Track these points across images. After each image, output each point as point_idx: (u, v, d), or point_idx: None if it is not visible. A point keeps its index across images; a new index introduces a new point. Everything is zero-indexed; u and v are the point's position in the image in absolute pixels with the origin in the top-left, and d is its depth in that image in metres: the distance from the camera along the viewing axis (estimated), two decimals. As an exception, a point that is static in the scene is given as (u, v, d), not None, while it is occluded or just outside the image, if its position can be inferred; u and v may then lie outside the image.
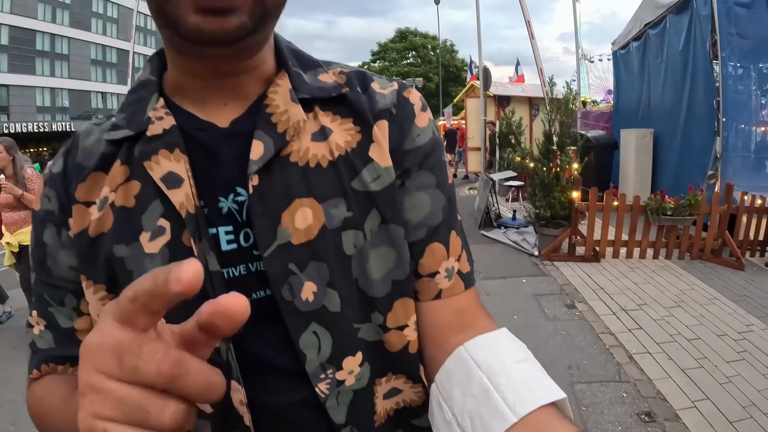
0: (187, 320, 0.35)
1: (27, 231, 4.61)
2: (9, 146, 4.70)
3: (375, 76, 0.71)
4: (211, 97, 0.63)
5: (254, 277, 0.61)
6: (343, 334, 0.62)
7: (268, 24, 0.57)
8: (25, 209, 4.72)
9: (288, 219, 0.59)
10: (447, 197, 0.69)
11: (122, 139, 0.61)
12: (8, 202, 4.67)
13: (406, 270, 0.65)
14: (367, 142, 0.64)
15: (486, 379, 0.50)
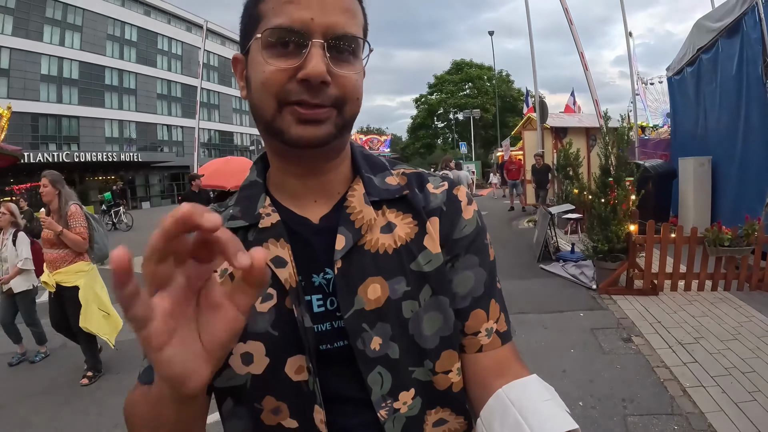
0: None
1: (66, 271, 4.67)
2: (54, 180, 4.66)
3: (430, 177, 0.92)
4: (304, 195, 0.85)
5: (336, 331, 0.80)
6: (400, 375, 0.80)
7: (346, 131, 0.79)
8: (66, 248, 4.60)
9: (362, 291, 0.79)
10: (488, 273, 0.87)
11: (238, 228, 0.83)
12: (49, 238, 4.57)
13: (451, 329, 0.82)
14: (422, 234, 0.84)
15: (518, 414, 0.67)
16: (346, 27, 0.73)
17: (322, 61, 0.71)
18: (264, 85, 0.74)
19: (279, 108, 0.74)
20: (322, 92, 0.72)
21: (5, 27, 38.94)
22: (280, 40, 0.72)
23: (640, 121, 18.89)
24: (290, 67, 0.72)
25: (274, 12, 0.73)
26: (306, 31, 0.71)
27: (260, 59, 0.74)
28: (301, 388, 0.79)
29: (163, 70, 55.39)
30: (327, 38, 0.72)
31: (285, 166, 0.85)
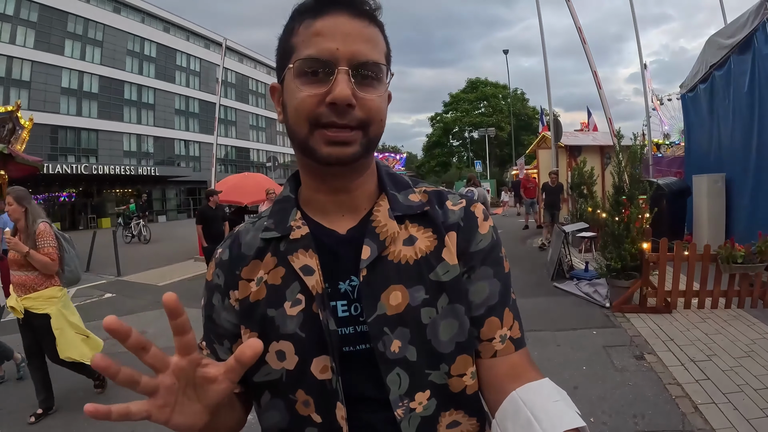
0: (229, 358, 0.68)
1: (37, 297, 4.28)
2: (20, 197, 4.24)
3: (449, 195, 1.00)
4: (333, 210, 0.93)
5: (359, 335, 0.88)
6: (416, 377, 0.86)
7: (371, 151, 0.88)
8: (35, 270, 4.24)
9: (385, 298, 0.86)
10: (502, 284, 0.94)
11: (270, 239, 0.93)
12: (16, 259, 4.19)
13: (466, 335, 0.89)
14: (441, 247, 0.91)
15: (530, 414, 0.73)
16: (369, 55, 0.82)
17: (348, 86, 0.79)
18: (297, 109, 0.83)
19: (311, 130, 0.83)
20: (348, 114, 0.81)
21: (27, 40, 39.89)
22: (310, 68, 0.81)
23: (655, 138, 18.83)
24: (320, 92, 0.80)
25: (304, 44, 0.82)
26: (333, 60, 0.80)
27: (294, 86, 0.83)
28: (325, 386, 0.86)
29: (181, 86, 56.32)
30: (351, 65, 0.80)
31: (316, 184, 0.93)
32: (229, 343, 0.97)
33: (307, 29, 0.83)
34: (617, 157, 7.15)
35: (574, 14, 9.59)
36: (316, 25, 0.82)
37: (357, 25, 0.83)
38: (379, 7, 0.88)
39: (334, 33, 0.81)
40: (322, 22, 0.82)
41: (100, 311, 8.60)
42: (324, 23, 0.82)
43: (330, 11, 0.82)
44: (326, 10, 0.82)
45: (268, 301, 0.90)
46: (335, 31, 0.81)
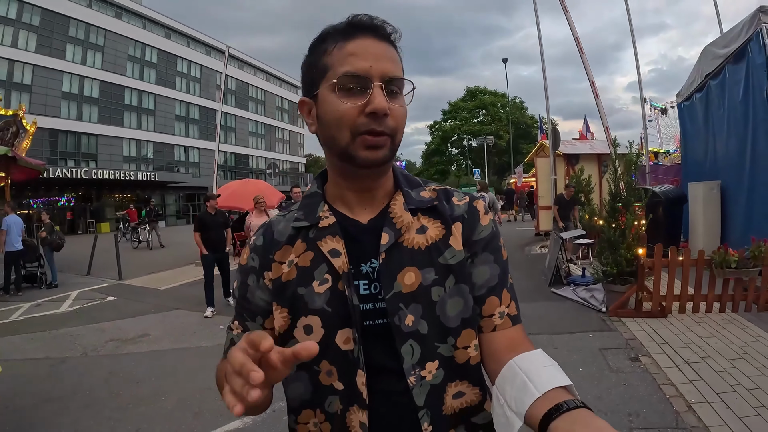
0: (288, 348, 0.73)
1: None
2: None
3: (455, 192, 1.14)
4: (356, 204, 1.06)
5: (378, 311, 0.99)
6: (427, 348, 0.98)
7: (395, 154, 1.02)
8: None
9: (400, 278, 0.99)
10: (501, 268, 1.07)
11: (301, 228, 1.06)
12: None
13: (470, 311, 1.01)
14: (448, 235, 1.04)
15: (524, 376, 0.83)
16: (395, 72, 0.96)
17: (384, 98, 0.93)
18: (340, 120, 0.95)
19: (352, 138, 0.95)
20: (384, 122, 0.94)
21: (29, 44, 40.00)
22: (348, 84, 0.94)
23: (652, 147, 18.94)
24: (359, 104, 0.94)
25: (340, 63, 0.95)
26: (368, 76, 0.93)
27: (333, 100, 0.96)
28: (347, 356, 0.98)
29: (181, 92, 56.48)
30: (383, 80, 0.94)
31: (345, 183, 1.07)
32: (262, 319, 1.09)
33: (340, 50, 0.96)
34: (613, 165, 7.27)
35: (572, 25, 9.70)
36: (348, 46, 0.95)
37: (382, 47, 0.97)
38: (398, 32, 1.02)
39: (366, 53, 0.94)
40: (354, 44, 0.95)
41: (102, 314, 8.69)
42: (356, 45, 0.95)
43: (360, 34, 0.96)
44: (356, 33, 0.96)
45: (299, 281, 1.02)
46: (366, 52, 0.94)
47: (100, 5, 47.02)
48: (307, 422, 1.05)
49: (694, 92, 10.95)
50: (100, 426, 4.25)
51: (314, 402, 1.03)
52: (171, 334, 7.09)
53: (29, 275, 11.94)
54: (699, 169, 10.60)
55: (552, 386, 0.79)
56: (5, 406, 4.74)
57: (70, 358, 6.19)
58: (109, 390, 5.05)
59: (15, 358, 6.21)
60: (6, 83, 37.60)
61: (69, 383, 5.30)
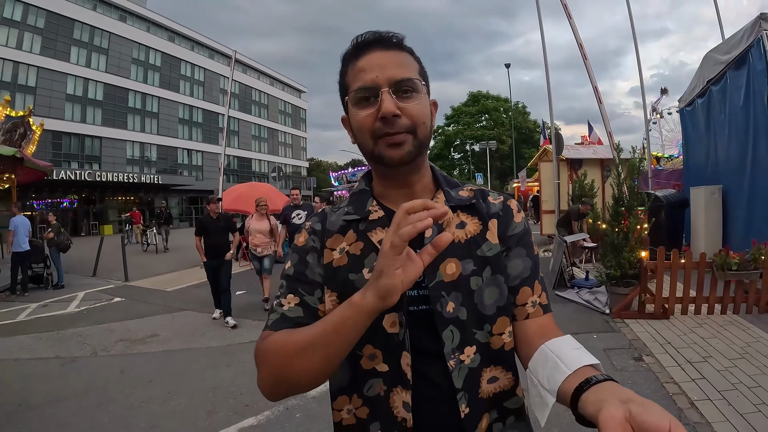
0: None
1: None
2: None
3: (490, 192, 1.23)
4: (401, 200, 1.05)
5: (421, 298, 1.06)
6: (466, 333, 1.05)
7: (423, 149, 1.10)
8: None
9: (443, 268, 1.06)
10: (533, 261, 1.16)
11: (351, 220, 1.15)
12: None
13: (505, 300, 1.09)
14: (485, 230, 1.13)
15: (556, 357, 0.90)
16: (402, 74, 1.05)
17: (391, 101, 1.02)
18: (360, 128, 1.07)
19: (375, 142, 1.06)
20: (396, 123, 1.03)
21: (34, 46, 40.22)
22: (361, 96, 1.06)
23: (655, 151, 18.98)
24: (372, 111, 1.04)
25: (354, 80, 1.07)
26: (375, 86, 1.04)
27: (354, 112, 1.08)
28: (393, 339, 1.05)
29: (185, 95, 56.70)
30: (390, 85, 1.04)
31: (387, 182, 1.17)
32: (320, 293, 1.13)
33: (353, 69, 1.08)
34: (616, 170, 7.35)
35: (575, 31, 9.81)
36: (358, 64, 1.07)
37: (388, 55, 1.06)
38: (404, 37, 1.12)
39: (372, 66, 1.05)
40: (362, 61, 1.06)
41: (109, 314, 8.76)
42: (363, 61, 1.06)
43: (365, 51, 1.07)
44: (362, 51, 1.08)
45: (350, 267, 1.10)
46: (372, 65, 1.05)
47: (104, 8, 47.30)
48: (341, 409, 1.12)
49: (695, 98, 11.03)
50: (115, 424, 4.31)
51: (352, 387, 1.10)
52: (180, 334, 7.15)
53: (35, 276, 11.99)
54: (701, 173, 10.67)
55: (581, 364, 0.85)
56: (18, 405, 4.79)
57: (81, 357, 6.25)
58: (121, 389, 5.10)
59: (25, 357, 6.28)
60: (11, 85, 37.85)
61: (81, 382, 5.35)
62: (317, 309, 1.12)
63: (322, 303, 1.13)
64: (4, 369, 5.91)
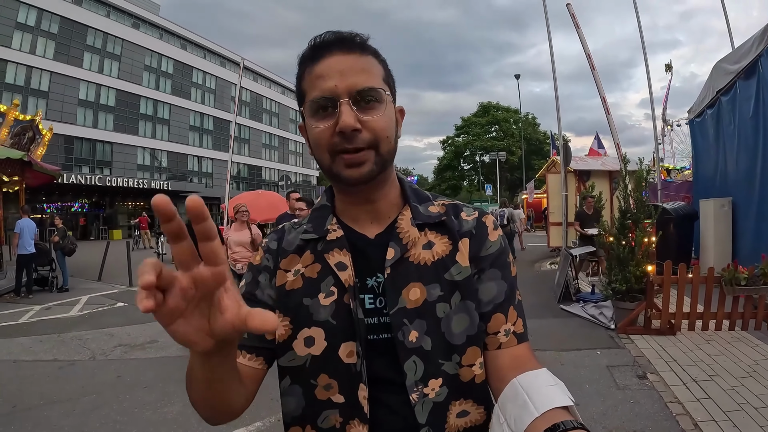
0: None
1: None
2: None
3: (464, 207, 1.12)
4: (363, 218, 1.06)
5: (382, 326, 0.98)
6: (431, 365, 0.96)
7: (387, 165, 1.00)
8: None
9: (405, 293, 0.98)
10: (509, 285, 1.05)
11: (309, 239, 1.06)
12: None
13: (476, 329, 0.99)
14: (455, 251, 1.03)
15: (526, 395, 0.81)
16: (365, 83, 0.95)
17: (351, 114, 0.92)
18: (316, 142, 0.98)
19: (332, 158, 0.97)
20: (356, 138, 0.94)
21: (47, 51, 40.74)
22: (318, 107, 0.96)
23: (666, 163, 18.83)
24: (329, 124, 0.95)
25: (310, 87, 0.97)
26: (334, 95, 0.94)
27: (310, 124, 0.98)
28: (350, 369, 0.97)
29: (196, 103, 57.18)
30: (351, 95, 0.94)
31: (347, 198, 1.08)
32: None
33: (310, 74, 0.97)
34: (623, 182, 7.25)
35: (583, 41, 9.73)
36: (315, 69, 0.96)
37: (350, 60, 0.96)
38: (368, 38, 1.01)
39: (331, 72, 0.94)
40: (320, 66, 0.96)
41: (111, 319, 8.76)
42: (322, 66, 0.96)
43: (325, 54, 0.97)
44: (321, 54, 0.97)
45: (305, 291, 1.02)
46: (332, 70, 0.94)
47: (118, 15, 47.82)
48: None
49: (705, 108, 10.90)
50: (107, 428, 4.28)
51: (305, 418, 1.01)
52: (178, 341, 7.04)
53: (41, 278, 12.08)
54: (710, 185, 10.54)
55: (552, 406, 0.77)
56: (12, 406, 4.79)
57: (79, 361, 6.24)
58: (116, 394, 5.09)
59: (24, 359, 6.29)
60: (24, 89, 38.27)
61: (76, 386, 5.35)
62: (263, 335, 1.05)
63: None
64: (2, 370, 5.95)
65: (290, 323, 1.02)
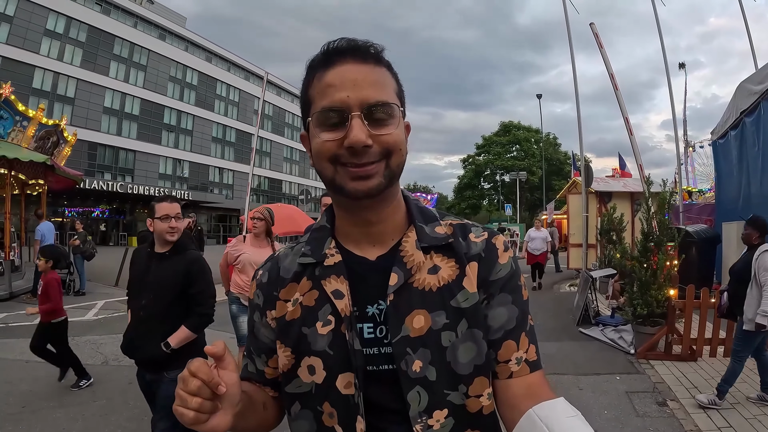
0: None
1: None
2: None
3: (473, 227, 1.06)
4: (364, 241, 1.01)
5: (383, 356, 0.94)
6: (435, 396, 0.92)
7: (394, 182, 0.95)
8: None
9: (409, 321, 0.93)
10: (520, 310, 1.00)
11: (307, 264, 1.02)
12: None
13: (484, 358, 0.94)
14: (462, 276, 0.97)
15: (545, 427, 0.77)
16: (378, 96, 0.90)
17: (362, 130, 0.88)
18: (319, 153, 0.92)
19: (335, 168, 0.92)
20: (366, 154, 0.89)
21: (75, 58, 41.72)
22: (327, 117, 0.90)
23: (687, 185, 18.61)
24: (337, 137, 0.89)
25: (320, 96, 0.92)
26: (345, 107, 0.88)
27: (316, 134, 0.92)
28: (348, 401, 0.93)
29: (219, 115, 58.08)
30: (363, 109, 0.89)
31: (349, 217, 1.02)
32: (266, 357, 1.08)
33: (320, 81, 0.92)
34: (646, 204, 7.14)
35: (606, 60, 9.68)
36: (326, 77, 0.91)
37: (364, 70, 0.91)
38: (383, 49, 0.96)
39: (344, 82, 0.89)
40: (332, 74, 0.91)
41: (124, 325, 8.59)
42: (334, 74, 0.91)
43: (337, 61, 0.91)
44: (334, 60, 0.92)
45: (303, 320, 0.99)
46: (344, 80, 0.89)
47: (144, 26, 48.80)
48: None
49: (728, 130, 10.69)
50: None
51: None
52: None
53: (58, 281, 12.13)
54: (733, 208, 10.29)
55: None
56: (22, 406, 4.80)
57: (91, 365, 6.21)
58: (125, 400, 5.08)
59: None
60: (50, 94, 39.08)
61: (87, 390, 5.37)
62: (263, 371, 1.09)
63: (267, 366, 1.08)
64: (14, 370, 6.02)
65: (292, 353, 1.00)
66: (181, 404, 0.76)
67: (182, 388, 0.76)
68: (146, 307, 3.23)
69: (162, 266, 3.25)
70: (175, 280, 3.21)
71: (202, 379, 0.76)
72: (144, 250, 3.46)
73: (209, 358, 0.81)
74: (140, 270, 3.36)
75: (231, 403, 0.81)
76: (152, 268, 3.27)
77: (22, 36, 37.77)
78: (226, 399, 0.80)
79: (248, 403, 0.94)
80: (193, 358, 0.77)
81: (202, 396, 0.76)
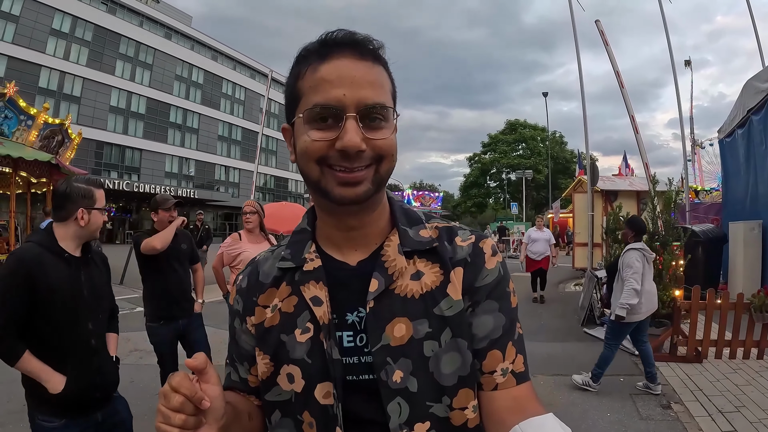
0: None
1: None
2: None
3: (459, 231, 1.01)
4: (346, 245, 0.98)
5: (363, 366, 0.91)
6: (417, 407, 0.87)
7: (382, 187, 0.92)
8: None
9: (390, 330, 0.89)
10: (507, 318, 0.94)
11: (287, 268, 0.98)
12: None
13: (468, 369, 0.89)
14: (446, 283, 0.92)
15: None
16: (375, 98, 0.85)
17: (357, 133, 0.83)
18: (306, 152, 0.87)
19: (321, 171, 0.87)
20: (359, 158, 0.84)
21: (81, 57, 41.96)
22: (319, 115, 0.85)
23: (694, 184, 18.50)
24: (329, 138, 0.84)
25: (312, 90, 0.85)
26: (341, 106, 0.83)
27: (303, 131, 0.87)
28: (327, 411, 0.90)
29: (225, 113, 58.21)
30: (359, 110, 0.83)
31: (330, 221, 0.97)
32: (248, 365, 1.05)
33: (313, 74, 0.86)
34: (652, 203, 7.08)
35: (612, 58, 9.59)
36: (321, 69, 0.85)
37: (362, 68, 0.86)
38: (382, 45, 0.91)
39: (341, 78, 0.83)
40: (327, 67, 0.85)
41: (129, 323, 8.69)
42: (329, 68, 0.85)
43: (335, 54, 0.85)
44: (330, 53, 0.86)
45: (282, 327, 0.95)
46: (341, 76, 0.84)
47: (150, 25, 48.96)
48: None
49: (735, 128, 10.65)
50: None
51: None
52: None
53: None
54: (740, 208, 10.27)
55: None
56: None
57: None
58: (127, 398, 5.02)
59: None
60: (56, 93, 39.29)
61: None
62: (247, 380, 1.06)
63: (250, 374, 1.05)
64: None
65: (270, 360, 0.96)
66: (164, 421, 0.74)
67: (164, 404, 0.74)
68: (94, 332, 2.48)
69: (91, 273, 2.53)
70: (109, 288, 2.74)
71: (185, 394, 0.74)
72: (48, 257, 2.31)
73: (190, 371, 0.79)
74: (64, 283, 2.32)
75: (215, 418, 0.80)
76: (82, 278, 2.43)
77: (28, 36, 37.96)
78: (210, 413, 0.78)
79: (233, 415, 0.92)
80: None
81: (185, 412, 0.74)
